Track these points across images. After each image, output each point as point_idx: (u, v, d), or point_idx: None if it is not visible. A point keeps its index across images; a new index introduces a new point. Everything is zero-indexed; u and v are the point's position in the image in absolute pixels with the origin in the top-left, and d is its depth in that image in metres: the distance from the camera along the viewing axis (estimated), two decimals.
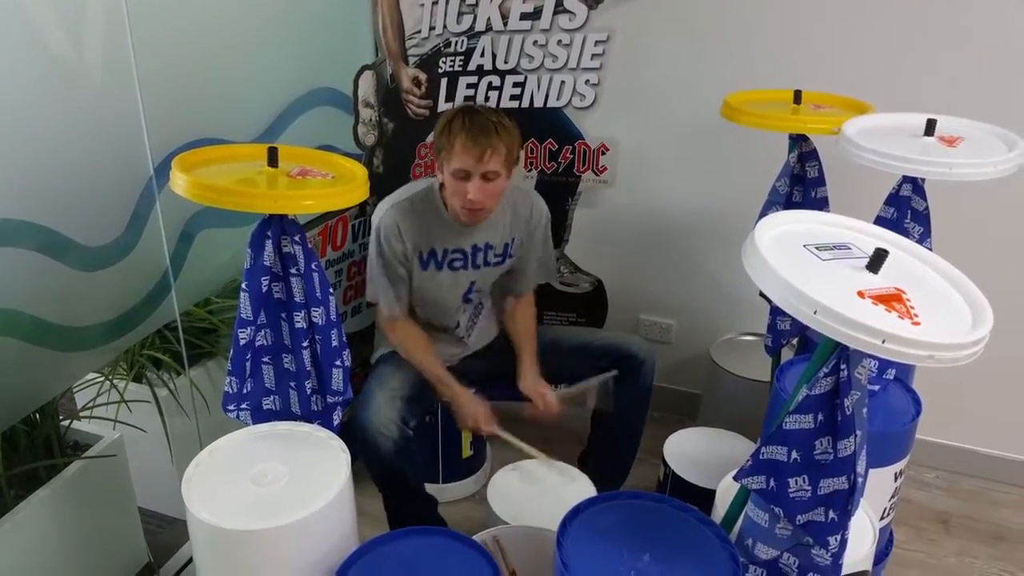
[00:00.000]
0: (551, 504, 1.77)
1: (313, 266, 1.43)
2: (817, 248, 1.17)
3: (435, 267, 1.97)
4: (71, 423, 1.90)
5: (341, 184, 1.43)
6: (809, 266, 1.13)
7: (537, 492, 1.90)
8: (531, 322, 2.15)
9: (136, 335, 1.75)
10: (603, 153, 2.43)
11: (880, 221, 1.70)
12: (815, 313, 1.00)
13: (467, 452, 2.29)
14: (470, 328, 2.12)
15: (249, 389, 1.53)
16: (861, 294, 1.07)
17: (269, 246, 1.39)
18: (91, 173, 1.54)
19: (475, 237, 1.97)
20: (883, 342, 0.97)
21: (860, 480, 1.21)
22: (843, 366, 1.15)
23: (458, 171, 1.79)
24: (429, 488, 2.01)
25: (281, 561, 1.34)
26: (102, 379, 2.00)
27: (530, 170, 2.47)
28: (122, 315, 1.69)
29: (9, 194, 1.38)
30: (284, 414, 1.57)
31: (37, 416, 1.76)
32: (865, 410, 1.21)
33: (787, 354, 2.12)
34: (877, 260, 1.11)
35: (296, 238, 1.40)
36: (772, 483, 1.24)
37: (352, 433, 1.78)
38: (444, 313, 2.04)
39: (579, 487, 1.90)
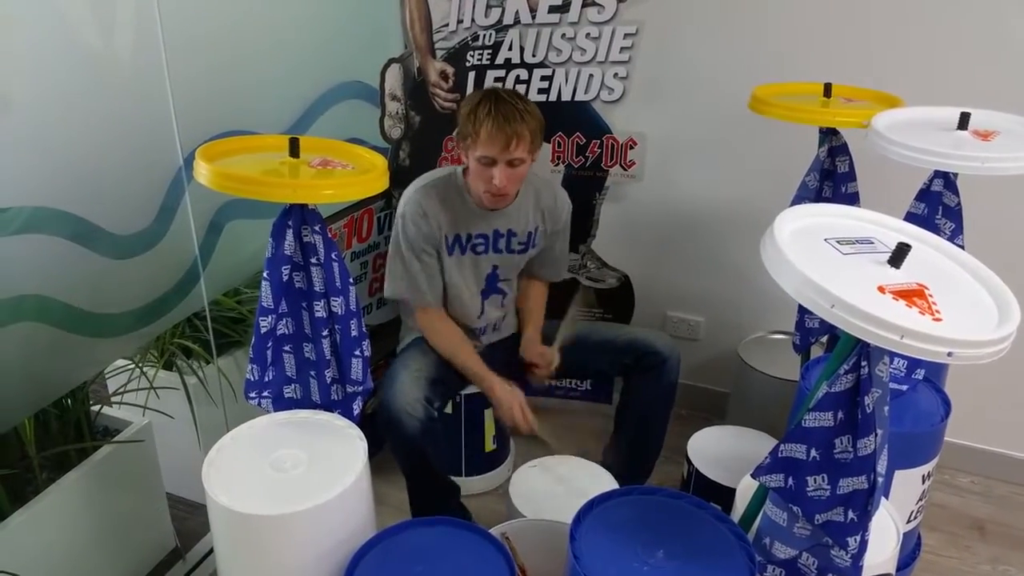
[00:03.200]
0: (575, 501, 1.77)
1: (333, 256, 1.44)
2: (838, 242, 1.15)
3: (459, 252, 1.98)
4: (101, 408, 1.94)
5: (361, 175, 1.44)
6: (829, 260, 1.11)
7: (561, 489, 1.89)
8: (540, 300, 2.17)
9: (164, 323, 1.78)
10: (631, 147, 2.40)
11: (910, 217, 1.66)
12: (832, 307, 0.98)
13: (490, 446, 2.29)
14: (498, 324, 2.12)
15: (271, 377, 1.55)
16: (881, 289, 1.05)
17: (290, 235, 1.40)
18: (121, 163, 1.58)
19: (497, 222, 1.97)
20: (901, 337, 0.95)
21: (880, 480, 1.18)
22: (864, 363, 1.12)
23: (483, 158, 1.79)
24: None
25: (297, 546, 1.36)
26: (133, 366, 2.04)
27: (557, 164, 2.46)
28: (151, 303, 1.73)
29: (41, 183, 1.41)
30: (305, 402, 1.59)
31: (68, 401, 1.80)
32: (887, 408, 1.18)
33: (816, 352, 2.08)
34: (899, 255, 1.09)
35: (316, 228, 1.41)
36: (790, 481, 1.22)
37: (378, 417, 1.79)
38: (467, 299, 2.05)
39: (604, 484, 1.89)
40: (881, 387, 1.15)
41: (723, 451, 2.00)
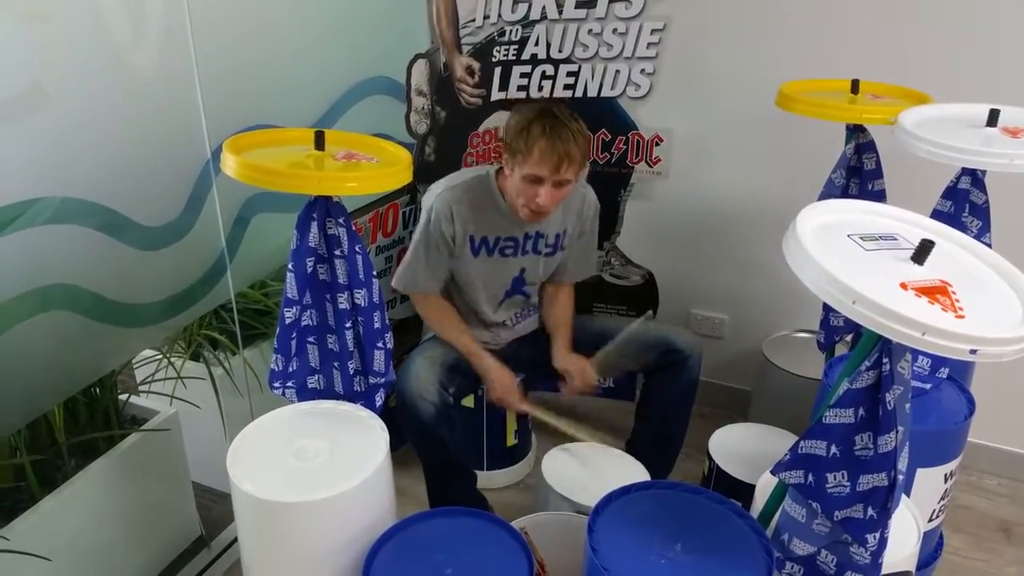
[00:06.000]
0: (603, 487, 1.77)
1: (357, 248, 1.46)
2: (862, 238, 1.14)
3: (486, 253, 1.99)
4: (129, 397, 1.97)
5: (385, 168, 1.45)
6: (851, 256, 1.10)
7: (591, 474, 1.90)
8: (568, 309, 2.15)
9: (191, 314, 1.81)
10: (657, 144, 2.40)
11: (937, 214, 1.64)
12: (854, 303, 0.97)
13: (511, 440, 2.30)
14: (516, 317, 2.12)
15: (295, 367, 1.57)
16: (904, 286, 1.04)
17: (314, 228, 1.42)
18: (150, 156, 1.60)
19: (526, 226, 1.98)
20: (923, 334, 0.94)
21: (901, 477, 1.17)
22: (885, 360, 1.11)
23: (531, 176, 1.79)
24: None
25: (318, 534, 1.37)
26: (160, 357, 2.07)
27: None
28: (178, 294, 1.75)
29: (71, 174, 1.44)
30: (328, 393, 1.61)
31: (97, 389, 1.84)
32: (908, 406, 1.17)
33: (841, 351, 2.06)
34: (922, 251, 1.08)
35: (341, 220, 1.43)
36: (810, 478, 1.22)
37: (395, 403, 1.81)
38: (489, 298, 2.06)
39: (634, 473, 1.90)
40: (903, 384, 1.14)
41: (745, 448, 2.00)
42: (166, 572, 1.97)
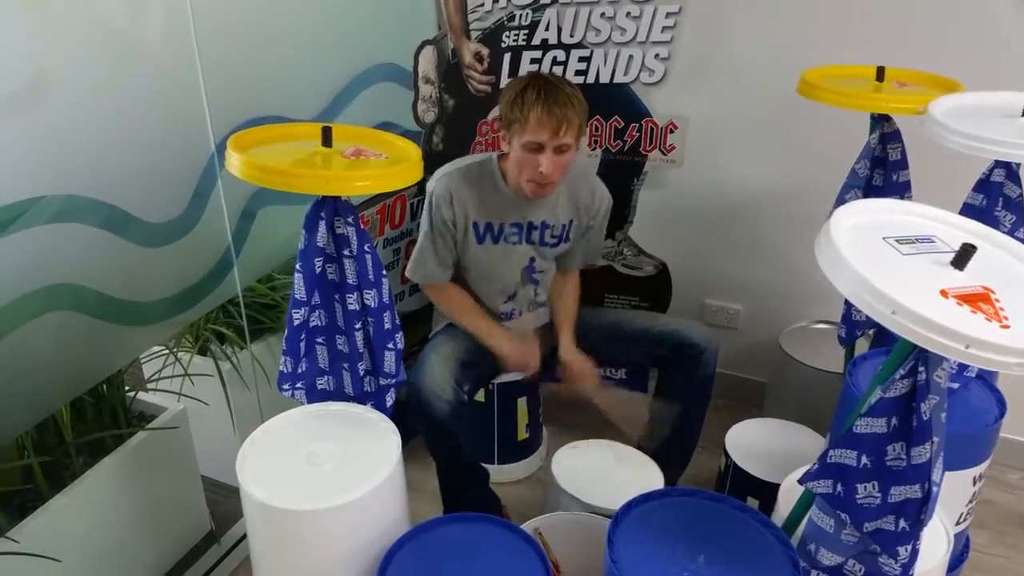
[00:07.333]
0: (614, 486, 1.76)
1: (366, 248, 1.42)
2: (898, 241, 1.09)
3: (491, 240, 1.95)
4: (136, 394, 1.95)
5: (394, 165, 1.40)
6: (888, 261, 1.05)
7: (600, 473, 1.87)
8: (573, 298, 2.12)
9: (198, 311, 1.77)
10: (671, 131, 2.34)
11: (968, 208, 1.59)
12: (893, 313, 0.92)
13: (523, 434, 2.27)
14: (524, 310, 2.08)
15: (304, 369, 1.53)
16: (944, 293, 0.99)
17: (323, 227, 1.38)
18: (153, 150, 1.55)
19: (531, 213, 1.93)
20: (967, 347, 0.89)
21: (936, 489, 1.13)
22: (921, 368, 1.07)
23: (531, 143, 1.75)
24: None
25: (329, 541, 1.35)
26: (167, 352, 2.04)
27: (594, 149, 2.40)
28: (184, 291, 1.71)
29: (74, 171, 1.40)
30: (338, 394, 1.58)
31: (104, 387, 1.81)
32: (944, 415, 1.13)
33: (862, 345, 2.02)
34: (963, 256, 1.02)
35: (350, 220, 1.38)
36: (839, 488, 1.18)
37: (408, 401, 1.78)
38: (499, 291, 2.02)
39: (645, 471, 1.87)
40: (938, 394, 1.09)
41: (762, 444, 1.97)
42: (176, 568, 1.96)
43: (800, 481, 1.21)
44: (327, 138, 1.42)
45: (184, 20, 1.53)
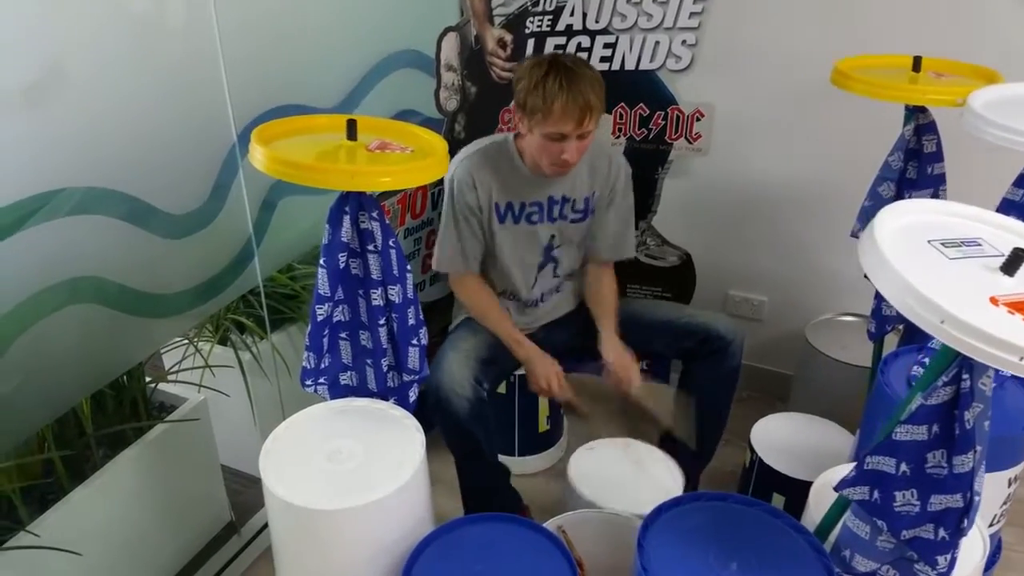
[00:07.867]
0: (634, 490, 1.74)
1: (391, 243, 1.39)
2: (943, 244, 1.05)
3: (512, 220, 1.92)
4: (157, 385, 1.94)
5: (420, 159, 1.37)
6: (935, 266, 1.01)
7: (618, 476, 1.83)
8: (613, 294, 2.06)
9: (219, 302, 1.76)
10: (698, 119, 2.29)
11: (1006, 204, 1.54)
12: (942, 323, 0.89)
13: (544, 426, 2.25)
14: (547, 294, 2.05)
15: (327, 364, 1.52)
16: (994, 300, 0.95)
17: (347, 222, 1.35)
18: (175, 141, 1.54)
19: (551, 189, 1.90)
20: (1021, 359, 0.86)
21: (978, 499, 1.10)
22: (965, 375, 1.03)
23: (554, 134, 1.71)
24: (504, 461, 1.97)
25: (353, 541, 1.33)
26: (187, 343, 2.03)
27: (618, 136, 2.36)
28: (205, 282, 1.70)
29: (94, 163, 1.38)
30: (361, 390, 1.56)
31: (124, 379, 1.80)
32: (987, 423, 1.09)
33: (890, 340, 1.98)
34: (1014, 262, 0.98)
35: (374, 214, 1.35)
36: (876, 495, 1.15)
37: (427, 399, 1.76)
38: (522, 273, 1.99)
39: (663, 472, 1.84)
40: (983, 402, 1.06)
41: (788, 440, 1.94)
42: (197, 559, 1.96)
43: (836, 488, 1.18)
44: (352, 131, 1.39)
45: (205, 7, 1.51)
